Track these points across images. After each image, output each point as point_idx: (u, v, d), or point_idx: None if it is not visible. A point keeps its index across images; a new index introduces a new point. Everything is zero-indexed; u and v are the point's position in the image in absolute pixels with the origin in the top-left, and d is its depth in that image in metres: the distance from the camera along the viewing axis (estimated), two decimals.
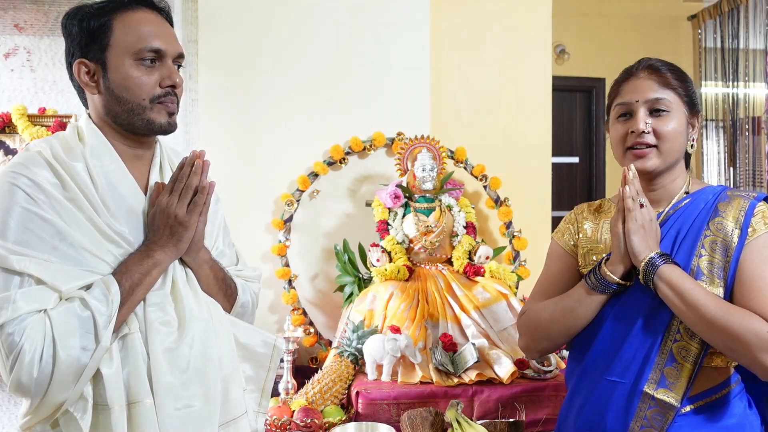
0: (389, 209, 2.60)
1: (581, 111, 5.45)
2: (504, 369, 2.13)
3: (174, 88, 1.29)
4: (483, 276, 2.49)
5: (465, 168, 2.84)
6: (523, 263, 2.79)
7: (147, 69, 1.26)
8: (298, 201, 2.75)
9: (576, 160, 5.40)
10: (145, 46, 1.26)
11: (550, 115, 3.08)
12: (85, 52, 1.27)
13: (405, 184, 2.60)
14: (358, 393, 2.08)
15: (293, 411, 2.01)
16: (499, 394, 2.07)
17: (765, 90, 4.74)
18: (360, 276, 2.62)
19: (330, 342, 2.65)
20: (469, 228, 2.61)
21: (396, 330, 2.21)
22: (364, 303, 2.39)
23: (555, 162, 3.57)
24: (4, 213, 1.15)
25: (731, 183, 5.04)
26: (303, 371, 2.43)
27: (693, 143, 1.52)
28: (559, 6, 3.28)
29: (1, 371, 1.13)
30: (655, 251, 1.39)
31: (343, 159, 2.79)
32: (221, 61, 2.76)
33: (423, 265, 2.54)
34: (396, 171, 2.70)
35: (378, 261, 2.50)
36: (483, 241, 2.63)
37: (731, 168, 5.08)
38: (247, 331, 1.38)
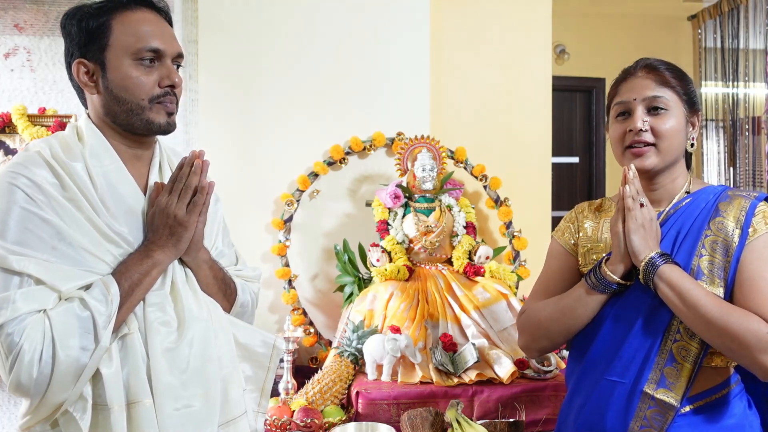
0: (389, 209, 2.60)
1: (581, 111, 5.44)
2: (504, 369, 2.13)
3: (173, 87, 1.29)
4: (483, 276, 2.49)
5: (465, 168, 2.84)
6: (523, 263, 2.79)
7: (146, 69, 1.26)
8: (298, 201, 2.75)
9: (576, 160, 5.40)
10: (144, 46, 1.26)
11: (550, 115, 3.08)
12: (84, 52, 1.26)
13: (405, 184, 2.60)
14: (358, 393, 2.08)
15: (293, 411, 2.01)
16: (499, 394, 2.07)
17: (765, 90, 4.74)
18: (360, 276, 2.61)
19: (330, 342, 2.65)
20: (469, 228, 2.61)
21: (396, 330, 2.21)
22: (364, 303, 2.39)
23: (555, 162, 3.57)
24: (3, 213, 1.15)
25: (731, 183, 5.04)
26: (303, 371, 2.43)
27: (693, 142, 1.52)
28: (559, 6, 3.28)
29: (1, 371, 1.13)
30: (656, 251, 1.39)
31: (343, 159, 2.79)
32: (221, 61, 2.76)
33: (423, 265, 2.54)
34: (396, 171, 2.70)
35: (378, 261, 2.50)
36: (483, 241, 2.63)
37: (731, 168, 5.08)
38: (247, 331, 1.38)
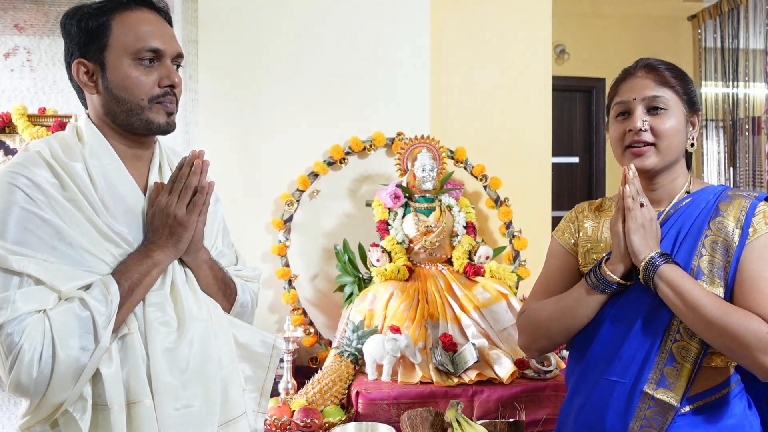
0: (389, 209, 2.60)
1: (581, 111, 5.44)
2: (504, 369, 2.13)
3: (173, 87, 1.29)
4: (483, 276, 2.49)
5: (465, 168, 2.84)
6: (523, 263, 2.79)
7: (145, 69, 1.26)
8: (298, 201, 2.75)
9: (576, 160, 5.40)
10: (144, 45, 1.25)
11: (550, 115, 3.07)
12: (84, 52, 1.26)
13: (405, 184, 2.60)
14: (358, 393, 2.08)
15: (293, 411, 2.01)
16: (499, 394, 2.07)
17: (765, 90, 4.74)
18: (360, 276, 2.61)
19: (330, 342, 2.65)
20: (469, 228, 2.61)
21: (396, 330, 2.21)
22: (364, 303, 2.39)
23: (555, 162, 3.56)
24: (3, 213, 1.15)
25: (731, 183, 5.04)
26: (303, 371, 2.43)
27: (693, 142, 1.52)
28: (559, 6, 3.28)
29: (1, 371, 1.13)
30: (656, 251, 1.38)
31: (343, 159, 2.79)
32: (221, 61, 2.76)
33: (423, 265, 2.54)
34: (396, 171, 2.70)
35: (378, 261, 2.50)
36: (483, 241, 2.63)
37: (731, 168, 5.08)
38: (247, 331, 1.38)
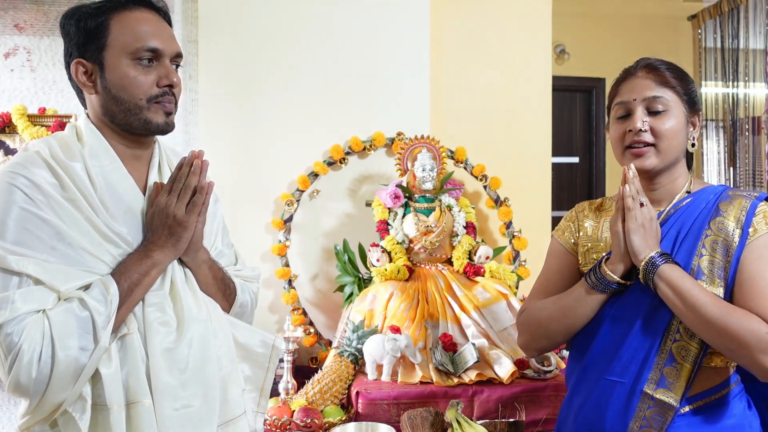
0: (389, 209, 2.60)
1: (581, 111, 5.45)
2: (504, 369, 2.12)
3: (171, 87, 1.29)
4: (483, 276, 2.49)
5: (465, 168, 2.84)
6: (523, 263, 2.79)
7: (144, 69, 1.26)
8: (298, 201, 2.75)
9: (576, 160, 5.40)
10: (143, 45, 1.25)
11: (550, 115, 3.07)
12: (83, 52, 1.26)
13: (405, 184, 2.60)
14: (358, 393, 2.08)
15: (293, 411, 2.01)
16: (499, 394, 2.07)
17: (765, 90, 4.73)
18: (360, 276, 2.61)
19: (330, 342, 2.65)
20: (469, 228, 2.61)
21: (396, 330, 2.21)
22: (364, 303, 2.39)
23: (555, 162, 3.57)
24: (2, 213, 1.15)
25: (731, 183, 5.04)
26: (303, 371, 2.43)
27: (693, 142, 1.52)
28: (559, 6, 3.28)
29: (0, 371, 1.13)
30: (656, 250, 1.38)
31: (343, 159, 2.79)
32: (221, 61, 2.76)
33: (423, 265, 2.54)
34: (396, 171, 2.70)
35: (378, 261, 2.49)
36: (483, 241, 2.63)
37: (731, 168, 5.08)
38: (246, 332, 1.38)
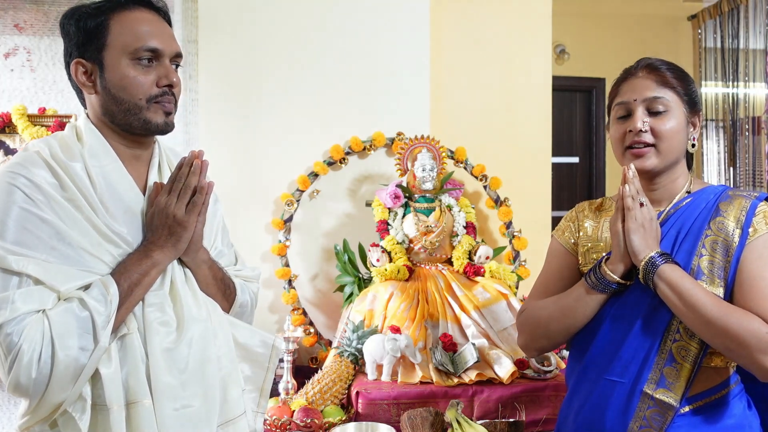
0: (389, 209, 2.60)
1: (581, 111, 5.45)
2: (504, 369, 2.12)
3: (171, 87, 1.29)
4: (483, 276, 2.49)
5: (465, 168, 2.84)
6: (523, 263, 2.79)
7: (144, 68, 1.26)
8: (298, 201, 2.75)
9: (576, 160, 5.40)
10: (142, 45, 1.25)
11: (550, 115, 3.07)
12: (82, 51, 1.26)
13: (405, 184, 2.60)
14: (358, 393, 2.08)
15: (293, 411, 2.01)
16: (499, 394, 2.07)
17: (765, 90, 4.74)
18: (360, 276, 2.61)
19: (330, 342, 2.65)
20: (469, 228, 2.61)
21: (396, 330, 2.21)
22: (364, 303, 2.39)
23: (555, 162, 3.57)
24: (2, 213, 1.15)
25: (731, 183, 5.04)
26: (303, 371, 2.43)
27: (694, 143, 1.52)
28: (559, 6, 3.28)
29: (0, 371, 1.13)
30: (655, 250, 1.38)
31: (343, 159, 2.79)
32: (221, 61, 2.76)
33: (423, 265, 2.54)
34: (396, 171, 2.70)
35: (378, 261, 2.49)
36: (483, 241, 2.63)
37: (731, 168, 5.08)
38: (246, 332, 1.38)
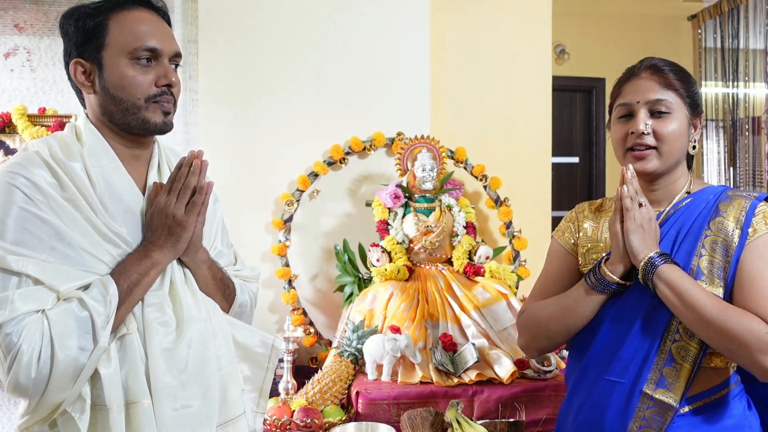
0: (389, 209, 2.60)
1: (581, 111, 5.45)
2: (504, 369, 2.12)
3: (170, 87, 1.29)
4: (483, 276, 2.49)
5: (465, 168, 2.84)
6: (523, 263, 2.79)
7: (143, 68, 1.26)
8: (298, 201, 2.75)
9: (576, 160, 5.40)
10: (141, 45, 1.25)
11: (550, 115, 3.07)
12: (82, 51, 1.26)
13: (405, 184, 2.60)
14: (358, 393, 2.08)
15: (293, 411, 2.01)
16: (499, 394, 2.07)
17: (765, 90, 4.73)
18: (360, 276, 2.61)
19: (330, 342, 2.65)
20: (469, 228, 2.61)
21: (396, 330, 2.21)
22: (364, 303, 2.39)
23: (555, 162, 3.56)
24: (2, 213, 1.15)
25: (731, 183, 5.04)
26: (303, 371, 2.43)
27: (695, 144, 1.52)
28: (559, 6, 3.28)
29: (0, 371, 1.13)
30: (655, 251, 1.38)
31: (343, 159, 2.79)
32: (221, 61, 2.76)
33: (423, 265, 2.53)
34: (396, 171, 2.70)
35: (378, 261, 2.49)
36: (483, 241, 2.63)
37: (731, 168, 5.08)
38: (246, 332, 1.38)
